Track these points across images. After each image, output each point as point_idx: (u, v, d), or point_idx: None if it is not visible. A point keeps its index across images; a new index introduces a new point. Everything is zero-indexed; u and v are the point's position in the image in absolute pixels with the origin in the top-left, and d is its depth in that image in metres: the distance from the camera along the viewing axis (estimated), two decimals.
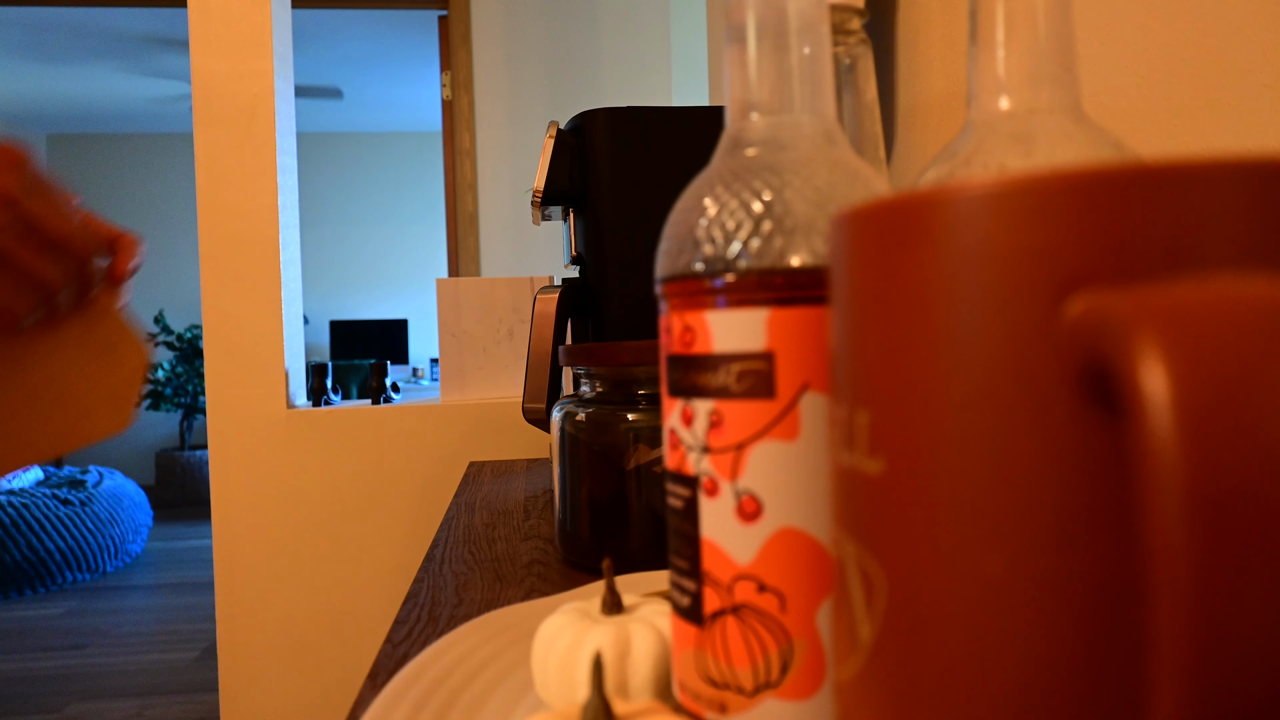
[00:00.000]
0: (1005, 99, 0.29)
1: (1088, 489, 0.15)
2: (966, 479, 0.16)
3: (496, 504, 0.84)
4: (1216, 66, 0.44)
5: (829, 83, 0.27)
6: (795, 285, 0.24)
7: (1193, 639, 0.11)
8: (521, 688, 0.37)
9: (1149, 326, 0.12)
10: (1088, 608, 0.15)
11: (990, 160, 0.28)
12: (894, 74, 0.81)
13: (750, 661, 0.25)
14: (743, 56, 0.27)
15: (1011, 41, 0.28)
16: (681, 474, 0.26)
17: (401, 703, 0.34)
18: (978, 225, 0.16)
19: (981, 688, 0.16)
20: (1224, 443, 0.11)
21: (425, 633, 0.47)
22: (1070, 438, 0.15)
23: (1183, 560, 0.12)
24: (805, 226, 0.24)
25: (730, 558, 0.25)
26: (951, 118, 0.71)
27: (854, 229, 0.19)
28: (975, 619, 0.16)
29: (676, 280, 0.26)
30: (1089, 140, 0.28)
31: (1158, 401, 0.12)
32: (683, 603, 0.27)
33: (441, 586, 0.56)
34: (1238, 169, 0.14)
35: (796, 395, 0.24)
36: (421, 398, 1.46)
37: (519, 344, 1.38)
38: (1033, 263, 0.15)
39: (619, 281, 0.76)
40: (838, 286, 0.20)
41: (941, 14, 0.72)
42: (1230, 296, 0.13)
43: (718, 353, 0.25)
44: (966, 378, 0.16)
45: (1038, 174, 0.15)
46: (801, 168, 0.25)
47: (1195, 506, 0.11)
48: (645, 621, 0.33)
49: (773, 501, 0.24)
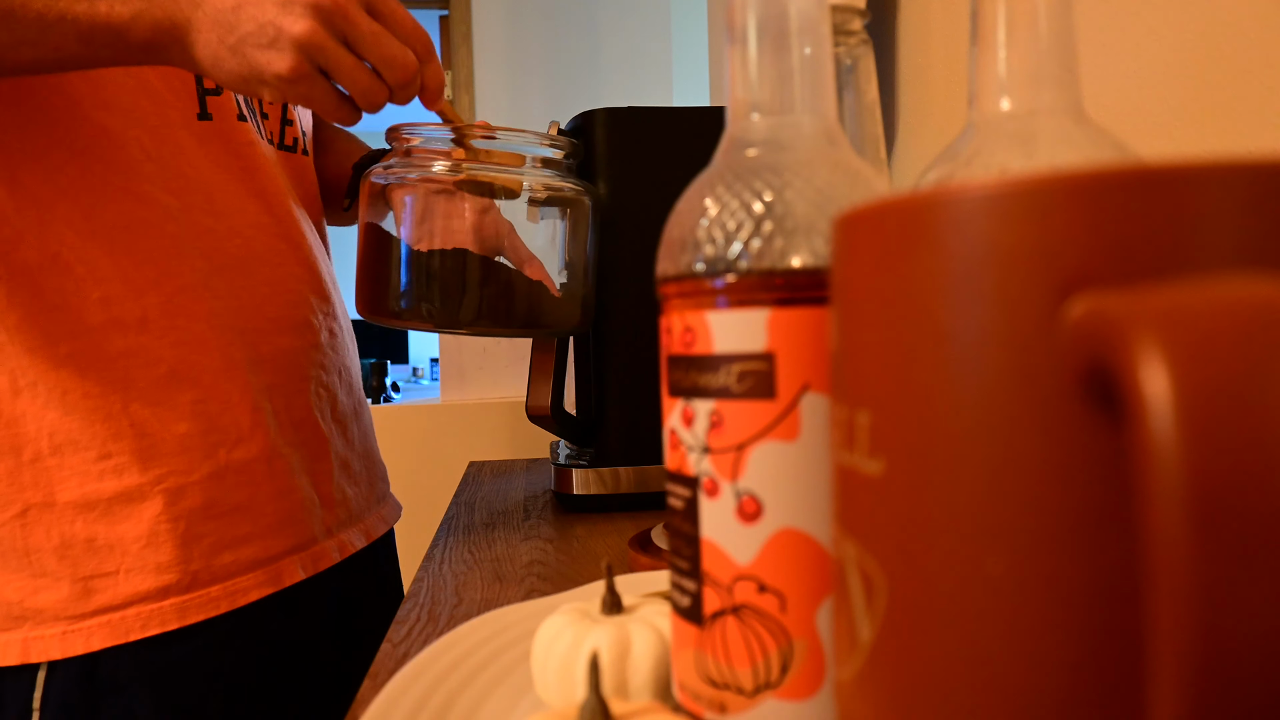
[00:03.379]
0: (1006, 100, 0.29)
1: (1088, 490, 0.15)
2: (967, 479, 0.16)
3: (496, 504, 0.84)
4: (1216, 67, 0.44)
5: (830, 83, 0.27)
6: (796, 286, 0.24)
7: (1193, 639, 0.11)
8: (521, 688, 0.37)
9: (1149, 328, 0.12)
10: (1088, 608, 0.15)
11: (991, 161, 0.28)
12: (895, 75, 0.81)
13: (750, 662, 0.25)
14: (744, 57, 0.27)
15: (1013, 42, 0.28)
16: (682, 474, 0.26)
17: (401, 703, 0.34)
18: (979, 226, 0.16)
19: (981, 688, 0.16)
20: (1224, 443, 0.11)
21: (425, 632, 0.47)
22: (1071, 438, 0.15)
23: (1183, 560, 0.12)
24: (806, 227, 0.24)
25: (730, 558, 0.25)
26: (952, 118, 0.71)
27: (855, 230, 0.19)
28: (975, 619, 0.16)
29: (677, 280, 0.26)
30: (1090, 141, 0.28)
31: (1158, 402, 0.12)
32: (683, 603, 0.27)
33: (441, 586, 0.56)
34: (1238, 170, 0.14)
35: (797, 396, 0.24)
36: (421, 397, 1.46)
37: (519, 343, 1.38)
38: (1034, 264, 0.15)
39: (619, 281, 0.76)
40: (839, 287, 0.20)
41: (943, 15, 0.72)
42: (1230, 297, 0.13)
43: (718, 353, 0.25)
44: (967, 379, 0.16)
45: (1039, 175, 0.15)
46: (802, 168, 0.25)
47: (1196, 507, 0.11)
48: (645, 622, 0.33)
49: (773, 502, 0.24)
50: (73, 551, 0.55)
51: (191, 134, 0.61)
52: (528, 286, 0.69)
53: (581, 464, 0.77)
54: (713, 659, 0.26)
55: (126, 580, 0.56)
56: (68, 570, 0.55)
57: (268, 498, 0.62)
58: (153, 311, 0.58)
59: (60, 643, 0.55)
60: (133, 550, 0.56)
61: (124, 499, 0.56)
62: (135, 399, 0.57)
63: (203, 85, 0.63)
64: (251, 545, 0.61)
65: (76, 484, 0.56)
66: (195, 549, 0.58)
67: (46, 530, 0.56)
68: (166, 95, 0.60)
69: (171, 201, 0.60)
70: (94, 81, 0.57)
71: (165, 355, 0.59)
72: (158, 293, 0.58)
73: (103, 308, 0.57)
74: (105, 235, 0.57)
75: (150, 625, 0.56)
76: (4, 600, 0.56)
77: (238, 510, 0.61)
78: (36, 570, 0.56)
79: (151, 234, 0.59)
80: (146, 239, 0.58)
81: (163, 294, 0.59)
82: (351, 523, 0.71)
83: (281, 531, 0.63)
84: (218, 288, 0.62)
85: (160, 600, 0.57)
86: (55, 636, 0.55)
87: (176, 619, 0.57)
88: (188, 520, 0.58)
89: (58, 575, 0.55)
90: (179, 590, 0.58)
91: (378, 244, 0.67)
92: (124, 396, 0.57)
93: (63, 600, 0.55)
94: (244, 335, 0.63)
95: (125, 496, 0.56)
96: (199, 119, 0.62)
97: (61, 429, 0.56)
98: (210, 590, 0.59)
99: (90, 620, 0.56)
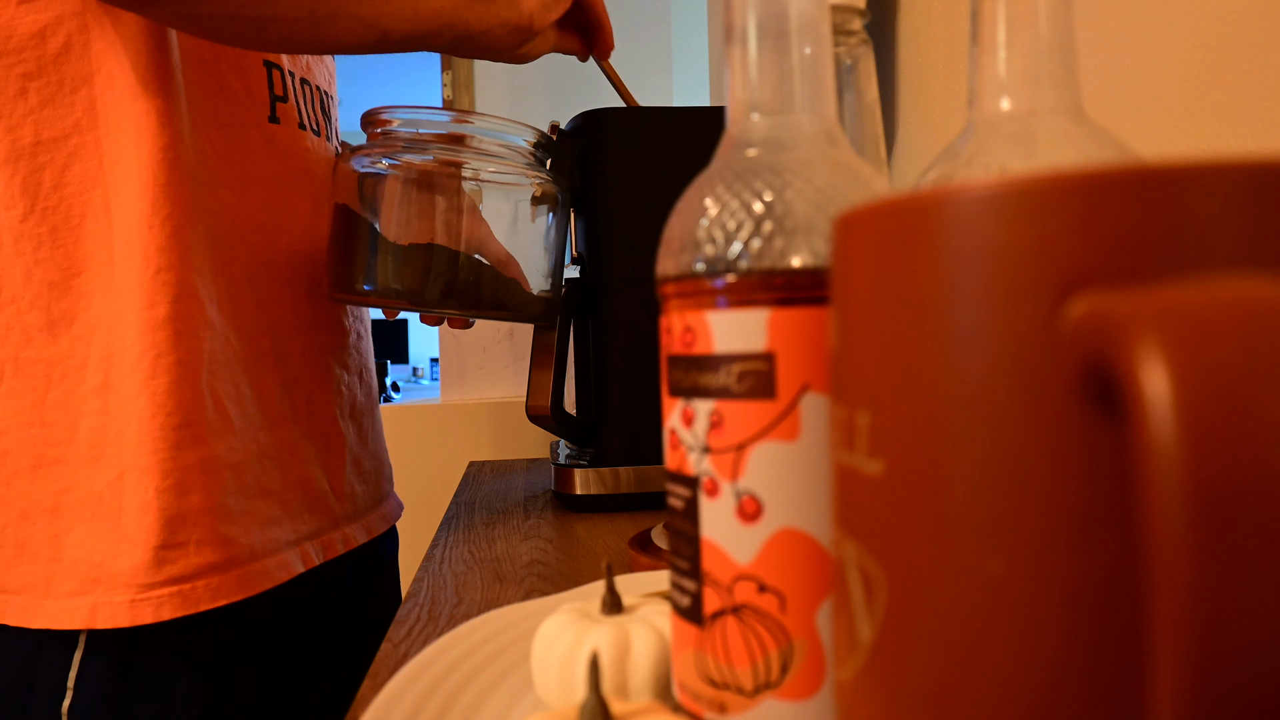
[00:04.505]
0: (1006, 100, 0.29)
1: (1088, 490, 0.15)
2: (967, 479, 0.16)
3: (496, 504, 0.84)
4: (1216, 67, 0.44)
5: (830, 83, 0.27)
6: (796, 286, 0.24)
7: (1193, 639, 0.11)
8: (521, 688, 0.37)
9: (1150, 328, 0.12)
10: (1088, 608, 0.15)
11: (991, 161, 0.28)
12: (895, 75, 0.81)
13: (750, 662, 0.25)
14: (744, 57, 0.27)
15: (1012, 42, 0.28)
16: (682, 474, 0.26)
17: (401, 702, 0.34)
18: (979, 226, 0.16)
19: (981, 688, 0.16)
20: (1225, 444, 0.11)
21: (425, 632, 0.47)
22: (1071, 439, 0.15)
23: (1183, 561, 0.12)
24: (806, 227, 0.24)
25: (730, 558, 0.25)
26: (952, 118, 0.71)
27: (855, 230, 0.19)
28: (975, 619, 0.16)
29: (677, 280, 0.26)
30: (1090, 141, 0.28)
31: (1159, 403, 0.12)
32: (683, 603, 0.27)
33: (441, 586, 0.56)
34: (1238, 170, 0.14)
35: (797, 396, 0.24)
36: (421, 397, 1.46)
37: (519, 343, 1.38)
38: (1034, 264, 0.15)
39: (620, 281, 0.76)
40: (839, 287, 0.20)
41: (943, 15, 0.72)
42: (1230, 297, 0.13)
43: (718, 353, 0.25)
44: (967, 379, 0.16)
45: (1039, 175, 0.15)
46: (802, 168, 0.25)
47: (1196, 507, 0.11)
48: (645, 621, 0.33)
49: (773, 502, 0.24)
50: (147, 518, 0.55)
51: (262, 134, 0.65)
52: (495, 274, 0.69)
53: (581, 464, 0.77)
54: (713, 659, 0.26)
55: (197, 552, 0.56)
56: (143, 537, 0.55)
57: (289, 485, 0.64)
58: (220, 293, 0.60)
59: (129, 610, 0.55)
60: (204, 522, 0.57)
61: (198, 469, 0.57)
62: (210, 372, 0.58)
63: (274, 91, 0.66)
64: (282, 527, 0.63)
65: (152, 450, 0.55)
66: (251, 522, 0.60)
67: (134, 494, 0.55)
68: (243, 96, 0.63)
69: (229, 197, 0.62)
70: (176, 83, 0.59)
71: (230, 336, 0.60)
72: (220, 276, 0.60)
73: (197, 276, 0.58)
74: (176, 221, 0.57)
75: (219, 596, 0.57)
76: (86, 560, 0.55)
77: (271, 493, 0.62)
78: (122, 534, 0.55)
79: (214, 223, 0.60)
80: (211, 226, 0.60)
81: (223, 279, 0.60)
82: (357, 518, 0.73)
83: (300, 518, 0.65)
84: (261, 281, 0.64)
85: (224, 573, 0.57)
86: (124, 604, 0.55)
87: (240, 590, 0.58)
88: (241, 496, 0.59)
89: (135, 541, 0.55)
90: (240, 563, 0.58)
91: (346, 224, 0.68)
92: (207, 367, 0.58)
93: (136, 567, 0.55)
94: (278, 329, 0.65)
95: (199, 467, 0.57)
96: (269, 121, 0.65)
97: (146, 392, 0.55)
98: (265, 563, 0.60)
99: (160, 590, 0.55)
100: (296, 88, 0.69)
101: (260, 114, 0.64)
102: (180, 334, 0.56)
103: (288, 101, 0.67)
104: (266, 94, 0.65)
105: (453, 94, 2.53)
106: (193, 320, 0.57)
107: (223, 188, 0.61)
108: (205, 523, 0.57)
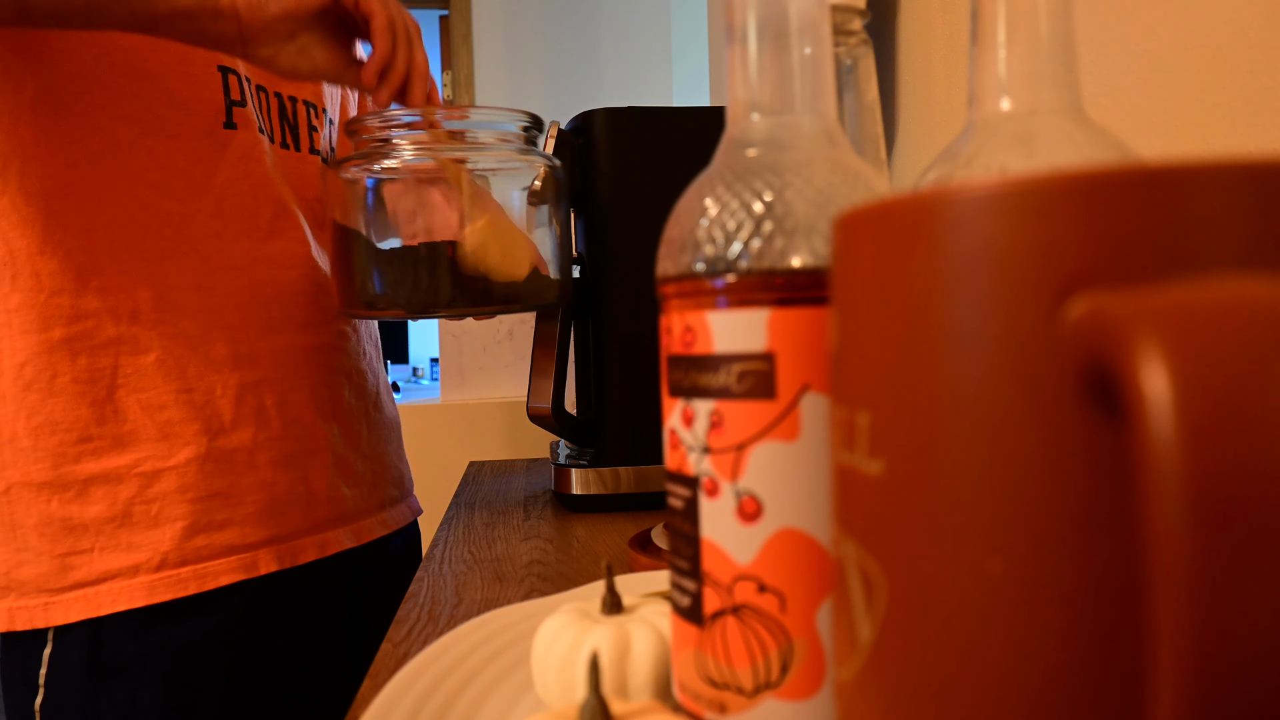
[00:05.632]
0: (1006, 100, 0.29)
1: (1088, 490, 0.15)
2: (967, 479, 0.16)
3: (496, 504, 0.84)
4: (1216, 67, 0.44)
5: (830, 83, 0.27)
6: (796, 286, 0.24)
7: (1193, 639, 0.11)
8: (521, 688, 0.37)
9: (1150, 328, 0.12)
10: (1088, 608, 0.15)
11: (991, 161, 0.28)
12: (895, 75, 0.81)
13: (750, 662, 0.25)
14: (744, 57, 0.27)
15: (1013, 42, 0.28)
16: (682, 474, 0.26)
17: (401, 702, 0.34)
18: (979, 226, 0.16)
19: (981, 688, 0.16)
20: (1225, 444, 0.11)
21: (425, 632, 0.47)
22: (1071, 439, 0.15)
23: (1183, 560, 0.12)
24: (806, 227, 0.24)
25: (730, 558, 0.25)
26: (952, 118, 0.71)
27: (855, 230, 0.19)
28: (975, 619, 0.16)
29: (677, 280, 0.26)
30: (1090, 141, 0.28)
31: (1159, 403, 0.12)
32: (683, 603, 0.27)
33: (441, 586, 0.56)
34: (1238, 170, 0.14)
35: (797, 396, 0.24)
36: (421, 397, 1.46)
37: (519, 343, 1.38)
38: (1034, 264, 0.15)
39: (620, 281, 0.76)
40: (839, 287, 0.20)
41: (943, 15, 0.72)
42: (1230, 297, 0.13)
43: (718, 353, 0.25)
44: (967, 379, 0.16)
45: (1039, 175, 0.15)
46: (802, 168, 0.25)
47: (1196, 507, 0.11)
48: (645, 622, 0.33)
49: (773, 502, 0.24)
50: (50, 529, 0.59)
51: (214, 142, 0.65)
52: None
53: (581, 464, 0.77)
54: (713, 659, 0.26)
55: (100, 558, 0.60)
56: (47, 546, 0.59)
57: (248, 488, 0.65)
58: (144, 305, 0.61)
59: (43, 613, 0.59)
60: (106, 530, 0.60)
61: (100, 480, 0.60)
62: (121, 385, 0.61)
63: (229, 95, 0.66)
64: (228, 531, 0.64)
65: (51, 465, 0.59)
66: (167, 531, 0.61)
67: (28, 508, 0.59)
68: (193, 105, 0.64)
69: (174, 207, 0.63)
70: (113, 94, 0.61)
71: (154, 345, 0.62)
72: (150, 288, 0.62)
73: (99, 296, 0.60)
74: (104, 232, 0.60)
75: (120, 601, 0.60)
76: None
77: (215, 497, 0.63)
78: (20, 545, 0.60)
79: (149, 236, 0.62)
80: (144, 240, 0.62)
81: (155, 290, 0.62)
82: (340, 523, 0.72)
83: (260, 522, 0.65)
84: (215, 287, 0.64)
85: (130, 578, 0.60)
86: (38, 607, 0.59)
87: (145, 596, 0.60)
88: (161, 503, 0.61)
89: (39, 551, 0.59)
90: (148, 569, 0.61)
91: (342, 240, 0.68)
92: (110, 383, 0.60)
93: (43, 574, 0.59)
94: (238, 332, 0.65)
95: (102, 478, 0.60)
96: (224, 127, 0.66)
97: (41, 410, 0.59)
98: (179, 571, 0.62)
99: (68, 594, 0.59)
100: (253, 93, 0.68)
101: (213, 121, 0.65)
102: (77, 354, 0.59)
103: (245, 106, 0.67)
104: (221, 99, 0.65)
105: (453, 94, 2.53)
106: (92, 340, 0.60)
107: (166, 198, 0.62)
108: (107, 531, 0.60)
